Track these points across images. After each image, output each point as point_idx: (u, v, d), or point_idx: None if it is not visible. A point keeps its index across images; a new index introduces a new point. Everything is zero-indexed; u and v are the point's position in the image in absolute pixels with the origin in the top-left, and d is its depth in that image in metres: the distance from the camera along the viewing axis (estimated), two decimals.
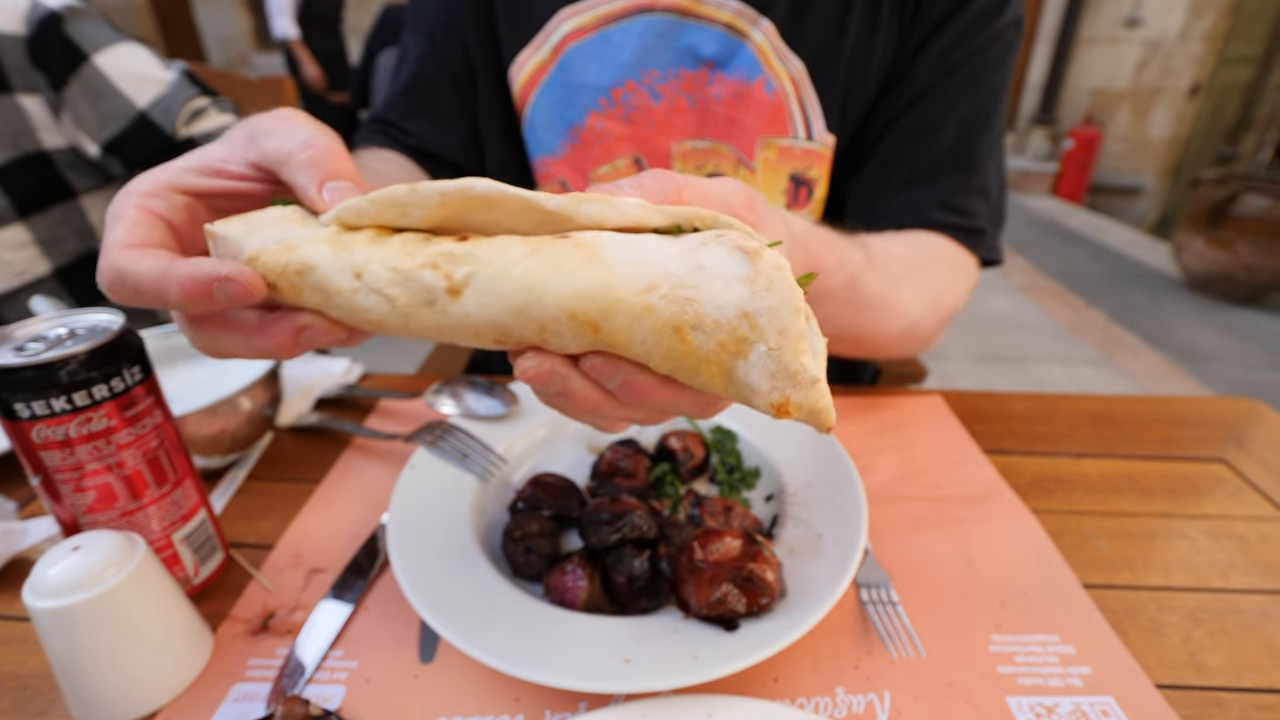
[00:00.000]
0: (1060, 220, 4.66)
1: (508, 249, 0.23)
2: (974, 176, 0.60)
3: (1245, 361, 2.73)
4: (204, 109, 0.88)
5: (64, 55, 0.80)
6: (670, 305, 0.21)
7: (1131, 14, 4.87)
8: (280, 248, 0.26)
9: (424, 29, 0.67)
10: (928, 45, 0.58)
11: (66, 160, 0.86)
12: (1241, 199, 3.10)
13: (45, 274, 0.87)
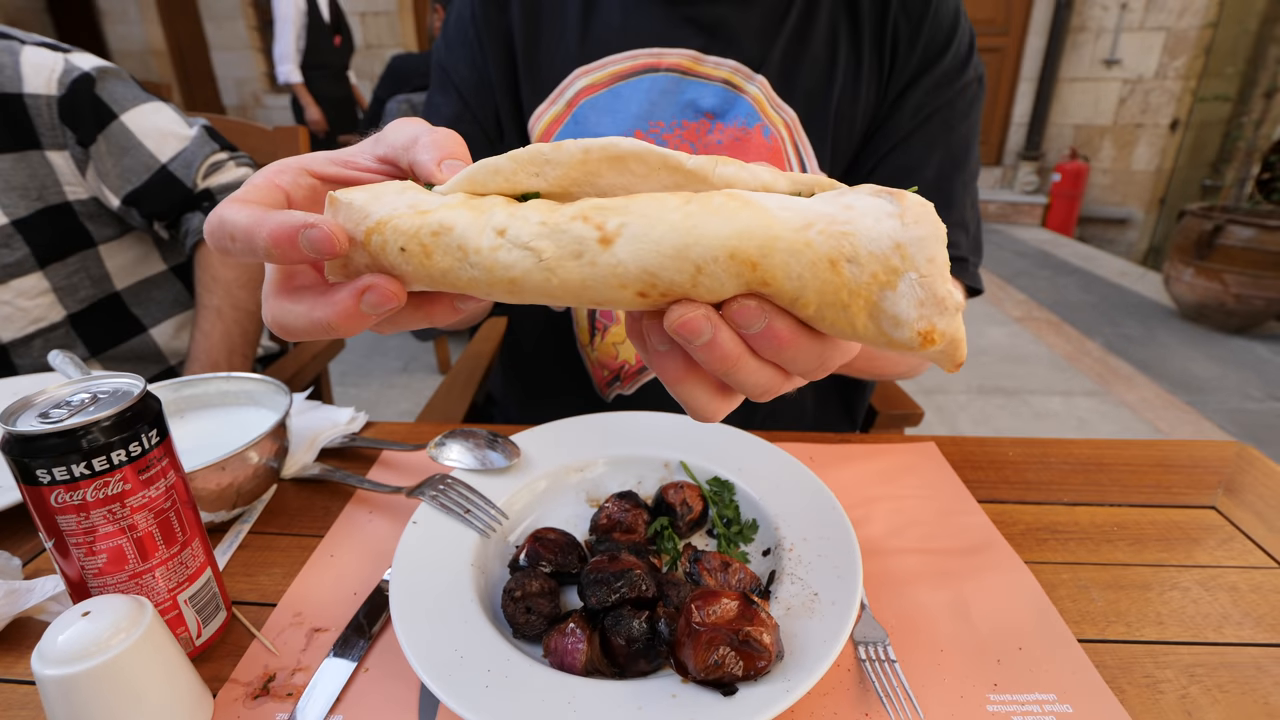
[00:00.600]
0: (1052, 251, 4.72)
1: (661, 200, 0.24)
2: (953, 212, 0.66)
3: (1242, 391, 2.74)
4: (223, 162, 0.91)
5: (94, 114, 0.83)
6: (827, 239, 0.23)
7: (1109, 55, 5.01)
8: (412, 211, 0.26)
9: (454, 89, 0.71)
10: (904, 98, 0.66)
11: (87, 211, 0.88)
12: (1227, 230, 3.15)
13: (59, 320, 0.89)
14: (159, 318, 0.98)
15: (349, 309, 0.26)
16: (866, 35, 0.65)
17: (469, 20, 0.70)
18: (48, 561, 0.50)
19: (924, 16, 0.65)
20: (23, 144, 0.81)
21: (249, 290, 0.90)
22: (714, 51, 0.66)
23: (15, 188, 0.82)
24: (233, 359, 0.88)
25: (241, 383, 0.61)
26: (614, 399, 0.76)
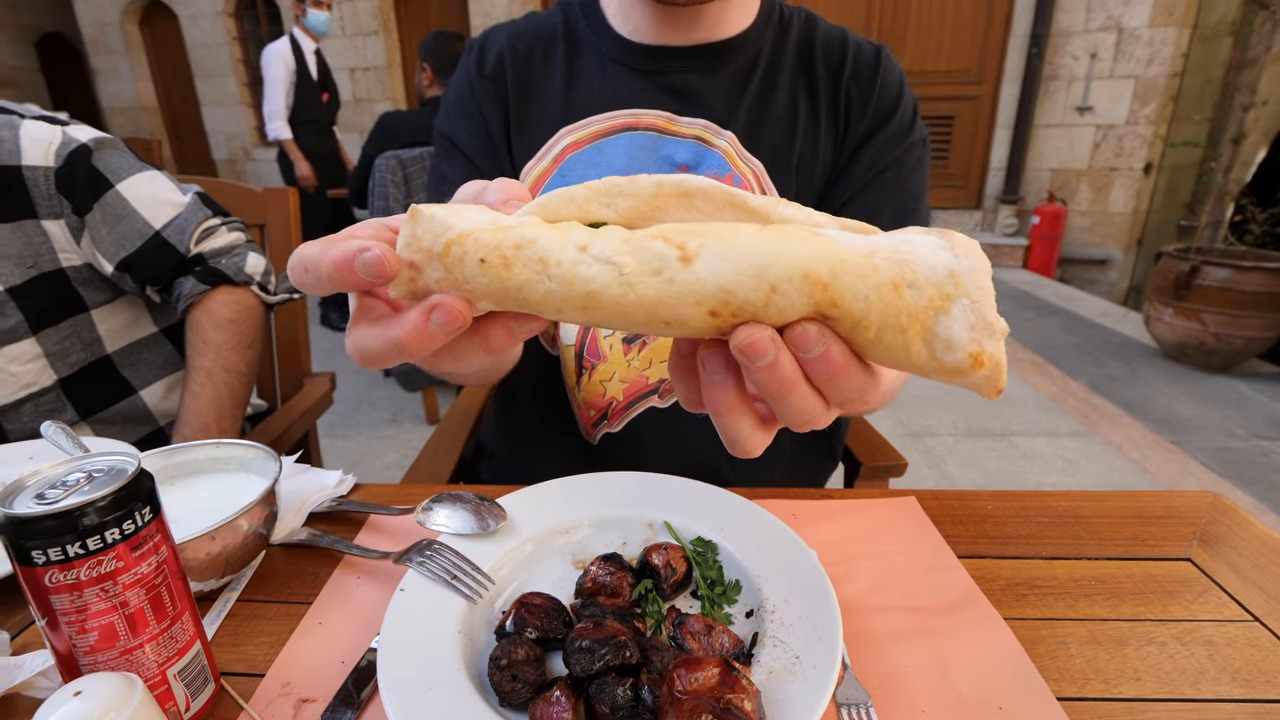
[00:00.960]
0: (1034, 292, 4.81)
1: (736, 227, 0.26)
2: None
3: (1226, 429, 2.77)
4: (215, 228, 0.93)
5: (90, 184, 0.85)
6: (890, 265, 0.25)
7: (1081, 102, 5.20)
8: (494, 226, 0.27)
9: (461, 155, 0.77)
10: (858, 154, 0.74)
11: (81, 277, 0.90)
12: (1203, 271, 3.23)
13: (49, 385, 0.90)
14: (149, 379, 0.99)
15: (419, 327, 0.28)
16: (822, 98, 0.74)
17: (469, 94, 0.77)
18: (36, 634, 0.50)
19: (872, 84, 0.73)
20: (19, 214, 0.83)
21: (239, 352, 0.91)
22: (686, 113, 0.73)
23: (10, 256, 0.84)
24: (222, 421, 0.89)
25: (231, 449, 0.62)
26: (601, 439, 0.78)
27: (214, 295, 0.91)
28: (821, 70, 0.74)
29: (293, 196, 1.18)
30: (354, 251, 0.27)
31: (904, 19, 5.44)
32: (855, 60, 0.75)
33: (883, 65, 0.75)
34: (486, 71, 0.76)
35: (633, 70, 0.74)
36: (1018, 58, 5.24)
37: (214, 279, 0.91)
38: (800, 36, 0.76)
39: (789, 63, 0.75)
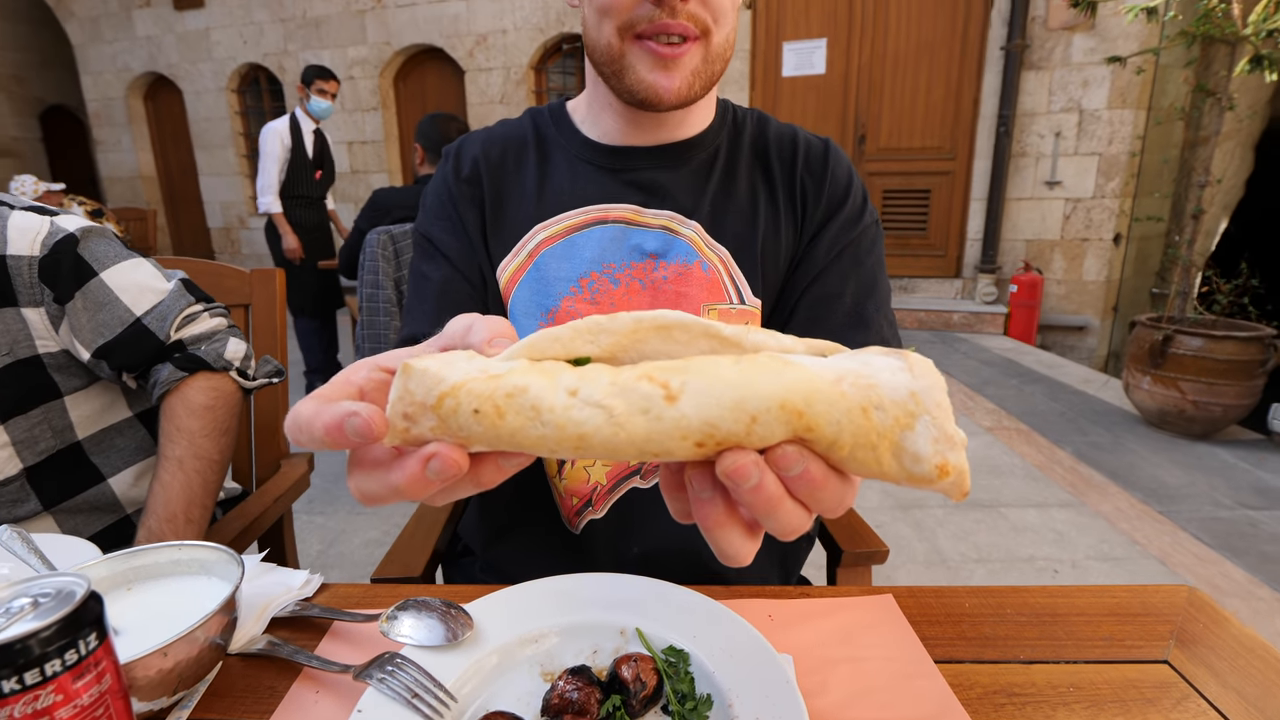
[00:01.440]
0: (1016, 360, 4.88)
1: (715, 361, 0.28)
2: (871, 334, 0.75)
3: (1212, 499, 2.77)
4: (197, 314, 0.93)
5: (74, 273, 0.85)
6: (857, 390, 0.27)
7: (1050, 177, 5.43)
8: (485, 376, 0.28)
9: (441, 256, 0.79)
10: (817, 239, 0.78)
11: (57, 363, 0.89)
12: (1176, 340, 3.30)
13: (14, 474, 0.87)
14: (119, 466, 0.97)
15: (416, 475, 0.29)
16: (780, 189, 0.79)
17: (446, 197, 0.81)
18: None
19: (824, 174, 0.79)
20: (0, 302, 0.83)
21: (213, 440, 0.90)
22: (652, 205, 0.77)
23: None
24: (190, 510, 0.87)
25: (193, 550, 0.60)
26: (584, 527, 0.77)
27: (191, 382, 0.90)
28: (776, 164, 0.79)
29: (279, 277, 1.20)
30: (343, 416, 0.28)
31: (879, 101, 5.71)
32: (807, 153, 0.80)
33: (831, 157, 0.80)
34: (463, 176, 0.80)
35: (601, 169, 0.78)
36: (987, 137, 5.50)
37: (192, 365, 0.90)
38: (754, 134, 0.82)
39: (746, 157, 0.80)
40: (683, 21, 0.67)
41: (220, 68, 7.44)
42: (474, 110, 6.57)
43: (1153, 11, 3.28)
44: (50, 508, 0.90)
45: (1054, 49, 5.18)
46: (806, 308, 0.76)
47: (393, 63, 6.87)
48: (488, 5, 6.34)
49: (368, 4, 6.72)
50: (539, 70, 6.50)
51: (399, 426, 0.29)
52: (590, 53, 0.74)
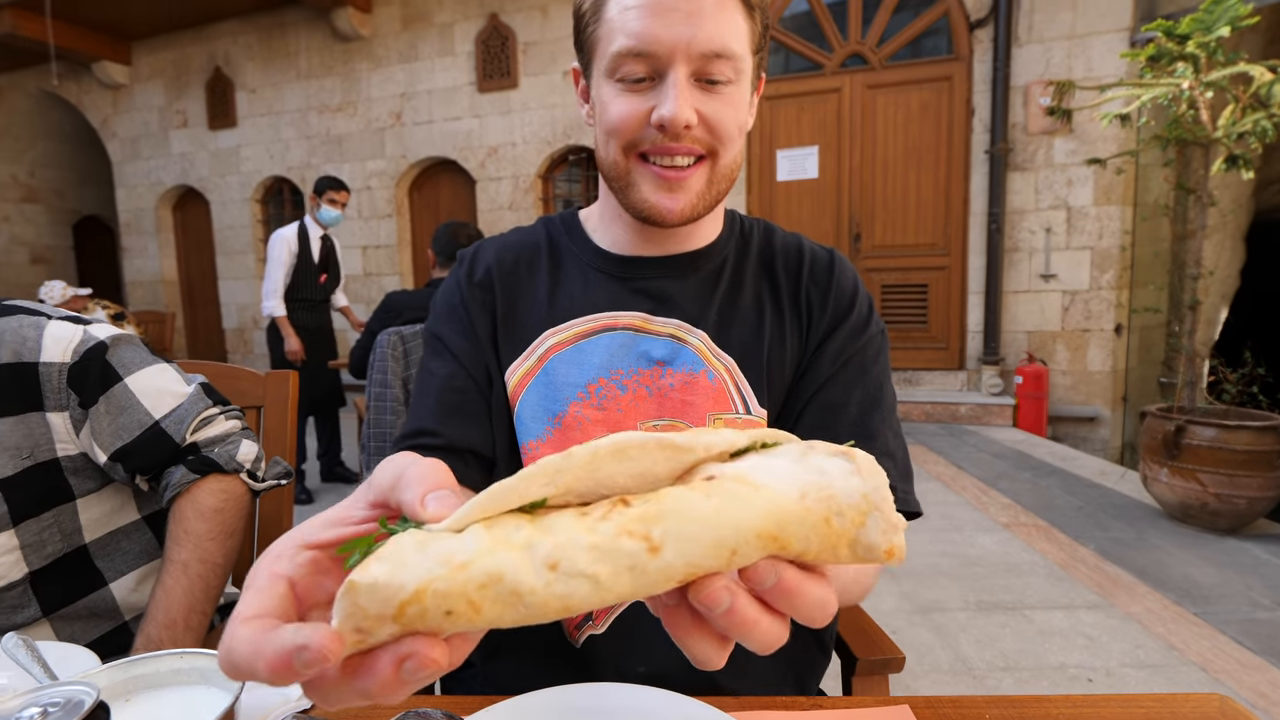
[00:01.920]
0: (1028, 452, 4.82)
1: (686, 498, 0.28)
2: (877, 443, 0.75)
3: (1249, 598, 2.65)
4: (213, 417, 0.95)
5: (100, 379, 0.88)
6: (819, 503, 0.29)
7: (1044, 270, 5.57)
8: (448, 569, 0.25)
9: (449, 353, 0.81)
10: (822, 349, 0.78)
11: (73, 466, 0.90)
12: (1189, 431, 3.27)
13: (18, 579, 0.87)
14: (123, 570, 0.96)
15: (389, 680, 0.26)
16: (785, 299, 0.80)
17: (458, 300, 0.84)
18: None
19: (829, 284, 0.80)
20: (27, 407, 0.86)
21: (219, 543, 0.90)
22: (660, 314, 0.78)
23: (9, 448, 0.85)
24: (190, 618, 0.85)
25: (194, 659, 0.59)
26: (585, 641, 0.75)
27: (202, 484, 0.91)
28: (782, 274, 0.81)
29: (292, 380, 1.22)
30: (289, 651, 0.25)
31: (871, 202, 5.97)
32: (812, 264, 0.82)
33: (836, 267, 0.82)
34: (475, 280, 0.83)
35: (611, 277, 0.81)
36: (979, 233, 5.69)
37: (205, 468, 0.91)
38: (761, 245, 0.84)
39: (752, 268, 0.82)
40: (687, 145, 0.70)
41: (247, 180, 7.89)
42: (484, 216, 6.89)
43: (1126, 118, 3.48)
44: (49, 614, 0.89)
45: (1036, 151, 5.46)
46: (812, 416, 0.76)
47: (408, 174, 7.28)
48: (499, 121, 6.79)
49: (387, 122, 7.20)
50: (546, 179, 6.86)
51: (351, 640, 0.26)
52: (600, 167, 0.78)
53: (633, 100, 0.70)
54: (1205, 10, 2.96)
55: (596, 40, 0.72)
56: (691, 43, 0.67)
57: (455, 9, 6.80)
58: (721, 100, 0.70)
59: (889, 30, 5.81)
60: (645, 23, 0.67)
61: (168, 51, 8.10)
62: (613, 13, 0.70)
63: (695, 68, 0.68)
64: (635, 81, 0.70)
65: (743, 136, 0.75)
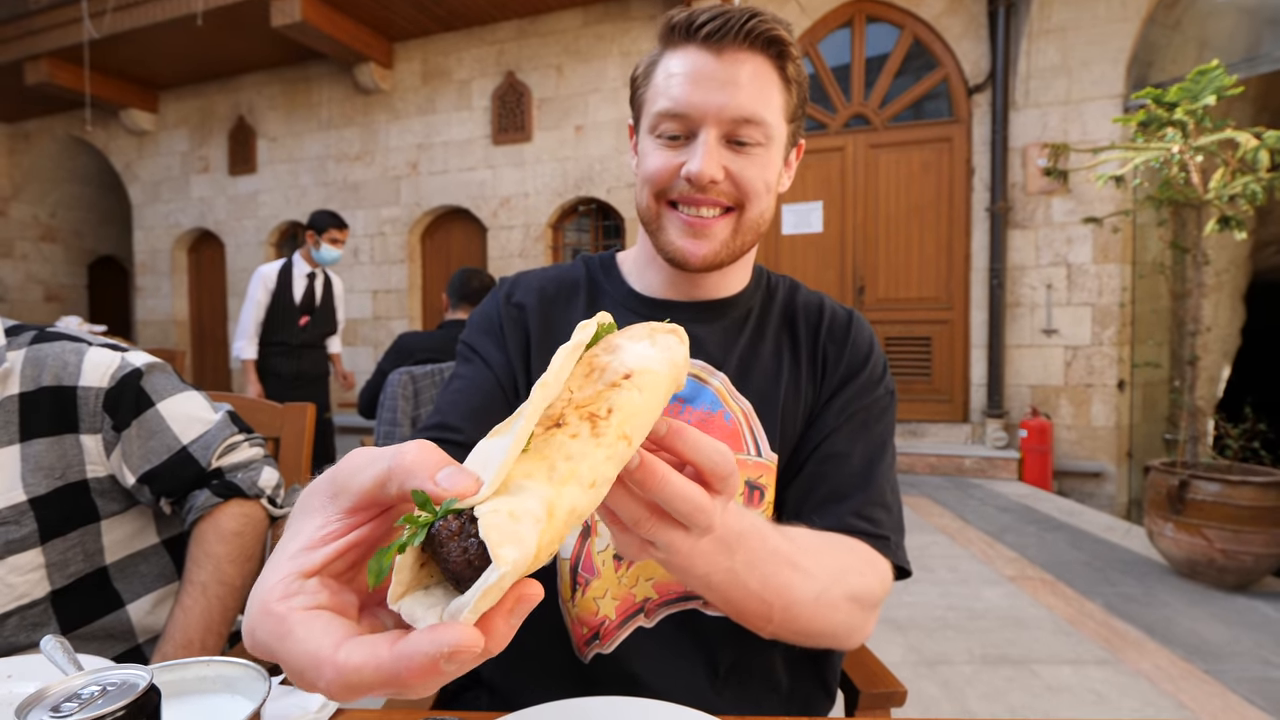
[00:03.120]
0: (1034, 506, 4.78)
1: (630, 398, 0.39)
2: (873, 492, 0.78)
3: (1260, 657, 2.60)
4: (238, 444, 0.99)
5: (134, 404, 0.92)
6: (673, 366, 0.44)
7: (1046, 325, 5.63)
8: (546, 524, 0.30)
9: (481, 360, 0.85)
10: (832, 401, 0.82)
11: (101, 488, 0.93)
12: (1193, 486, 3.26)
13: (41, 597, 0.89)
14: (140, 592, 0.98)
15: (503, 633, 0.28)
16: (803, 352, 0.85)
17: (495, 315, 0.88)
18: None
19: (845, 342, 0.85)
20: (63, 429, 0.89)
21: (238, 565, 0.92)
22: None
23: (43, 468, 0.88)
24: (207, 639, 0.87)
25: (221, 667, 0.61)
26: (593, 658, 0.76)
27: (224, 508, 0.94)
28: (803, 328, 0.86)
29: (309, 412, 1.26)
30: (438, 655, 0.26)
31: (875, 256, 6.09)
32: (831, 322, 0.86)
33: (854, 327, 0.87)
34: (514, 301, 0.87)
35: (642, 317, 0.84)
36: (981, 288, 5.78)
37: (228, 492, 0.95)
38: (785, 300, 0.89)
39: (775, 321, 0.87)
40: (712, 197, 0.76)
41: (263, 224, 8.09)
42: (494, 263, 7.03)
43: (1120, 180, 3.59)
44: (67, 633, 0.90)
45: (1035, 210, 5.59)
46: (815, 463, 0.80)
47: (421, 221, 7.46)
48: (512, 173, 7.00)
49: (403, 171, 7.43)
50: (556, 228, 7.03)
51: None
52: (637, 210, 0.84)
53: (667, 154, 0.77)
54: (1192, 80, 3.10)
55: (644, 100, 0.80)
56: (723, 109, 0.73)
57: (474, 66, 7.10)
58: (748, 160, 0.76)
59: (890, 93, 6.04)
60: (684, 89, 0.74)
61: (194, 100, 8.43)
62: (659, 78, 0.78)
63: (725, 130, 0.75)
64: (671, 138, 0.77)
65: (770, 195, 0.80)
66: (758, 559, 0.57)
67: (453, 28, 7.04)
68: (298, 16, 6.07)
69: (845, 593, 0.65)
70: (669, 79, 0.76)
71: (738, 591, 0.58)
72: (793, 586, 0.61)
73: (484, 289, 2.86)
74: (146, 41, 7.10)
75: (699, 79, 0.74)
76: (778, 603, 0.60)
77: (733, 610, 0.61)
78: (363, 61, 7.12)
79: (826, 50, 6.18)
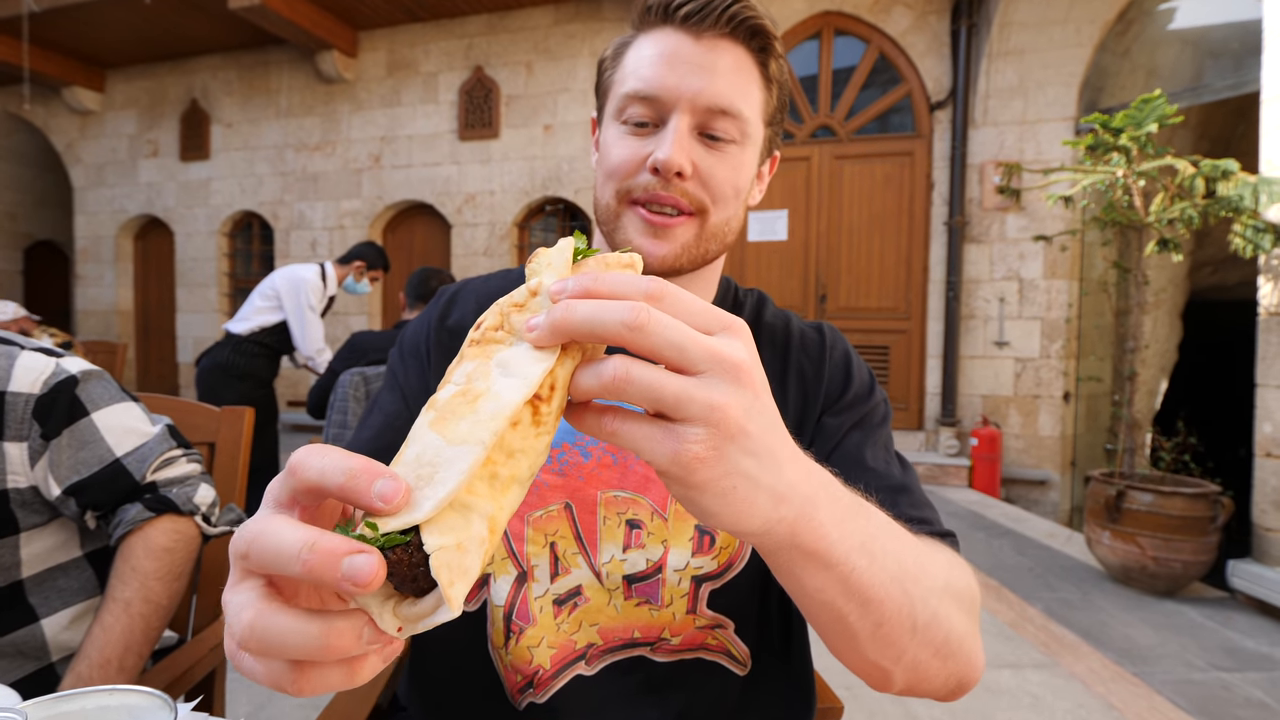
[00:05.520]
0: (982, 513, 4.92)
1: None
2: (916, 494, 0.71)
3: (1184, 659, 2.72)
4: (175, 458, 0.95)
5: (67, 412, 0.88)
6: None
7: (998, 338, 5.80)
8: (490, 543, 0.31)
9: (400, 392, 0.79)
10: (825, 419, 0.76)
11: (22, 499, 0.88)
12: (1129, 496, 3.40)
13: None
14: (57, 607, 0.93)
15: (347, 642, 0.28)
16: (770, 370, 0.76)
17: (424, 339, 0.80)
18: None
19: (822, 358, 0.78)
20: None
21: (165, 584, 0.88)
22: None
23: None
24: (126, 658, 0.83)
25: (124, 695, 0.58)
26: (526, 707, 0.72)
27: (156, 523, 0.90)
28: (768, 350, 0.79)
29: (248, 416, 1.22)
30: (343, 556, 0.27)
31: (837, 265, 6.19)
32: (802, 340, 0.80)
33: (828, 340, 0.80)
34: (448, 324, 0.79)
35: None
36: (938, 299, 5.92)
37: (161, 507, 0.91)
38: (751, 318, 0.81)
39: None
40: (675, 195, 0.68)
41: (215, 213, 7.82)
42: (458, 260, 6.93)
43: (1069, 200, 3.71)
44: None
45: (990, 225, 5.76)
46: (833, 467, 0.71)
47: (383, 215, 7.31)
48: (478, 169, 6.91)
49: (365, 164, 7.27)
50: (522, 227, 6.97)
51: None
52: (595, 210, 0.76)
53: (633, 144, 0.70)
54: (1136, 107, 3.22)
55: (611, 84, 0.74)
56: (698, 95, 0.67)
57: (441, 59, 6.99)
58: (720, 157, 0.70)
59: (856, 106, 6.14)
60: (656, 69, 0.68)
61: (144, 81, 8.10)
62: (630, 60, 0.71)
63: (699, 120, 0.68)
64: (638, 125, 0.70)
65: (739, 201, 0.73)
66: (851, 514, 0.43)
67: (420, 18, 6.91)
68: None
69: (954, 593, 0.52)
70: (640, 60, 0.70)
71: (861, 561, 0.42)
72: (923, 567, 0.48)
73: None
74: (92, 17, 6.80)
75: (674, 61, 0.67)
76: (915, 591, 0.46)
77: (863, 615, 0.44)
78: (325, 49, 6.95)
79: (795, 61, 6.25)
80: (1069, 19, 5.46)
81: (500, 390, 0.34)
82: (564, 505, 0.74)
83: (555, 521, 0.73)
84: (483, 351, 0.38)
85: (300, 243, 7.47)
